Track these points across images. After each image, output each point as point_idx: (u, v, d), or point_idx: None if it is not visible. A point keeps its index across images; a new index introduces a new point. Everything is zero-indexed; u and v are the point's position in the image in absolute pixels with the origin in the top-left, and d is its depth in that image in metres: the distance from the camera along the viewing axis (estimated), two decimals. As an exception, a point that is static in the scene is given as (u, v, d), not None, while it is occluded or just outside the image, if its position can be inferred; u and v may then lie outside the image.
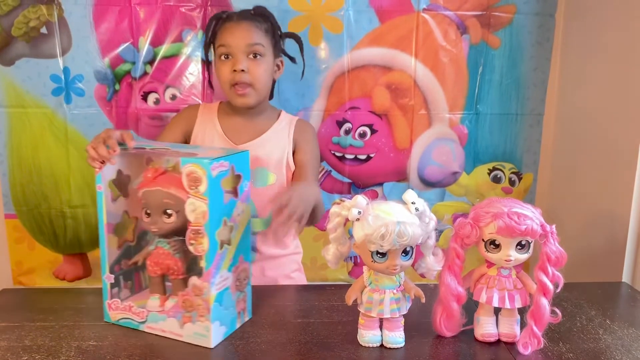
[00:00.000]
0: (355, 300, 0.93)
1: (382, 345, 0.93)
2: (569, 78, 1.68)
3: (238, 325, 1.01)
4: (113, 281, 1.01)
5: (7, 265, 1.72)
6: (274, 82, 1.35)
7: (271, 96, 1.39)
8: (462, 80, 1.69)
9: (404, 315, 0.93)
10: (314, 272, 1.71)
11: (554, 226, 0.90)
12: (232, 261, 0.96)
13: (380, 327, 0.94)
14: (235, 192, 0.96)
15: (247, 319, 1.04)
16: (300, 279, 1.42)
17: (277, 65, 1.33)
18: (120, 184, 1.02)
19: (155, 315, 0.97)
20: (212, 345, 0.93)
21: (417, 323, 0.98)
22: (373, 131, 1.70)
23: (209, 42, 1.32)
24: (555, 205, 1.72)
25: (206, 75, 1.58)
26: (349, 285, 0.95)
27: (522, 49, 1.69)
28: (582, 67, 1.61)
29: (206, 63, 1.41)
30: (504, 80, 1.70)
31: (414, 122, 1.69)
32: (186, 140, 1.33)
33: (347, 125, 1.69)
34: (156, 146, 1.04)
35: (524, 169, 1.77)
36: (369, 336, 0.93)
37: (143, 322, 0.98)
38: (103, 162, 0.97)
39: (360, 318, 0.94)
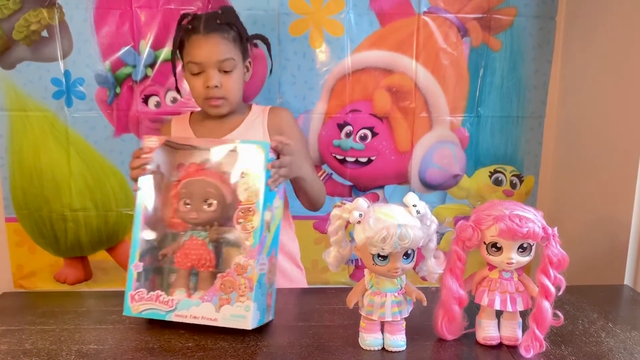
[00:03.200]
0: (357, 304, 0.93)
1: (383, 348, 0.93)
2: (570, 80, 1.68)
3: (265, 320, 1.00)
4: (141, 270, 1.00)
5: (8, 268, 1.72)
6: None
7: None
8: (463, 83, 1.69)
9: (406, 319, 0.93)
10: (315, 275, 1.71)
11: (555, 229, 0.89)
12: (268, 249, 0.98)
13: (382, 331, 0.94)
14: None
15: (271, 318, 1.04)
16: (299, 276, 1.42)
17: (247, 67, 1.33)
18: (155, 179, 1.04)
19: (187, 302, 0.96)
20: (250, 327, 0.94)
21: (418, 326, 0.98)
22: (374, 134, 1.70)
23: (176, 50, 1.31)
24: (557, 208, 1.72)
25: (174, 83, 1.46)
26: (350, 289, 0.95)
27: (522, 52, 1.69)
28: (583, 69, 1.61)
29: (173, 69, 1.38)
30: (505, 82, 1.70)
31: (415, 125, 1.69)
32: None
33: (348, 128, 1.69)
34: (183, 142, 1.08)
35: (525, 172, 1.77)
36: (370, 339, 0.93)
37: (172, 311, 0.97)
38: (144, 169, 1.03)
39: (361, 321, 0.94)
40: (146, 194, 1.02)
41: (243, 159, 0.97)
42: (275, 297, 1.04)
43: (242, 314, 0.94)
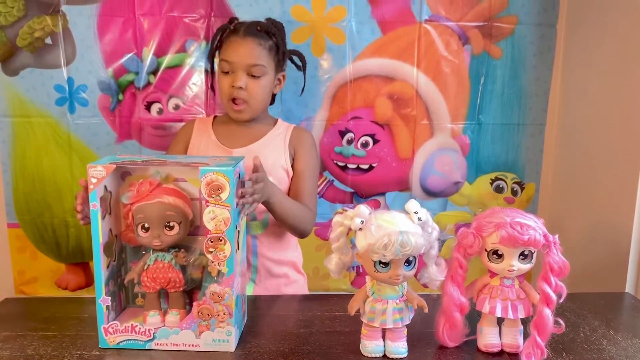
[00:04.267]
0: (358, 310, 0.93)
1: (384, 355, 0.93)
2: (570, 88, 1.68)
3: (242, 326, 1.02)
4: (110, 304, 0.96)
5: (10, 274, 1.72)
6: (274, 95, 1.37)
7: (272, 101, 1.40)
8: (464, 91, 1.70)
9: (407, 326, 0.93)
10: (316, 281, 1.71)
11: (556, 236, 0.90)
12: (240, 265, 0.98)
13: (383, 338, 0.94)
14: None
15: (245, 319, 1.06)
16: (301, 282, 1.42)
17: (279, 79, 1.35)
18: (104, 201, 0.94)
19: (165, 331, 0.95)
20: (233, 349, 0.95)
21: (419, 333, 0.98)
22: (375, 141, 1.70)
23: (215, 49, 1.34)
24: (558, 216, 1.72)
25: (209, 81, 1.58)
26: (351, 295, 0.95)
27: (523, 59, 1.69)
28: (584, 76, 1.61)
29: (211, 68, 1.42)
30: (506, 90, 1.71)
31: (416, 132, 1.70)
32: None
33: (349, 135, 1.70)
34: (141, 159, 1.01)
35: (526, 179, 1.77)
36: (371, 346, 0.93)
37: (150, 340, 0.95)
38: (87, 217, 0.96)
39: (362, 328, 0.94)
40: (99, 224, 0.92)
41: (208, 187, 0.90)
42: (246, 297, 1.06)
43: (225, 339, 0.95)
